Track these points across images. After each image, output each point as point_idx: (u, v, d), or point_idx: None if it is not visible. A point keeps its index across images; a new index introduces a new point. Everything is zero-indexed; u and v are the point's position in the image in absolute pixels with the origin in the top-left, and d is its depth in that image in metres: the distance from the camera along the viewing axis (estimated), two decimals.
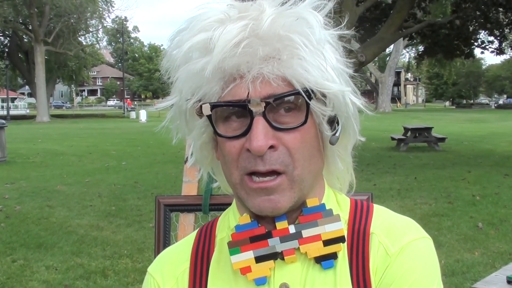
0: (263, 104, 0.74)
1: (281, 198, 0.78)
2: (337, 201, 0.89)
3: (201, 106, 0.77)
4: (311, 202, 0.83)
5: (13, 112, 50.03)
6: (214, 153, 0.88)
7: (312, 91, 0.75)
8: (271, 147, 0.76)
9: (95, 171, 11.68)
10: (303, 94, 0.74)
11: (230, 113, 0.78)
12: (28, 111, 56.08)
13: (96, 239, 6.05)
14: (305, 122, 0.76)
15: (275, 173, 0.77)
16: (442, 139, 15.72)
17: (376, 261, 0.82)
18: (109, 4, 44.90)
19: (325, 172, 0.89)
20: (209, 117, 0.78)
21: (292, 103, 0.76)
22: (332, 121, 0.81)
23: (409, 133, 15.90)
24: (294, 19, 0.76)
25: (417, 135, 15.78)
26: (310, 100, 0.76)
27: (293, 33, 0.74)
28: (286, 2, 0.79)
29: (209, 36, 0.75)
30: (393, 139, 16.63)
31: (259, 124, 0.74)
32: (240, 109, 0.76)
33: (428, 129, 15.85)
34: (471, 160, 12.83)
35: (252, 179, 0.77)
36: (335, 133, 0.81)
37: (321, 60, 0.76)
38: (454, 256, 5.28)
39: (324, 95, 0.77)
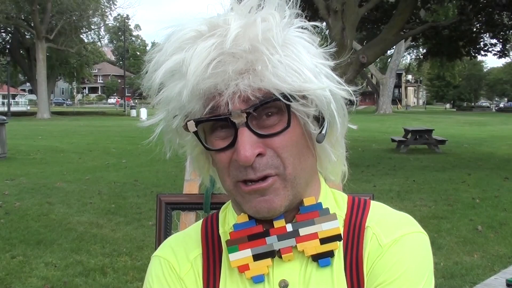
0: (245, 115, 0.75)
1: (276, 197, 0.79)
2: (335, 199, 0.90)
3: (186, 123, 0.79)
4: (308, 201, 0.84)
5: (13, 108, 49.94)
6: (210, 161, 0.89)
7: (291, 95, 0.75)
8: (259, 154, 0.76)
9: (95, 169, 11.67)
10: (282, 99, 0.74)
11: (215, 125, 0.79)
12: (28, 107, 56.05)
13: (96, 237, 6.05)
14: (288, 126, 0.77)
15: (267, 177, 0.78)
16: (442, 142, 15.73)
17: (367, 250, 0.83)
18: (111, 2, 44.98)
19: (319, 167, 0.89)
20: (195, 133, 0.79)
21: (274, 107, 0.76)
22: (319, 118, 0.81)
23: (409, 135, 15.89)
24: (258, 29, 0.75)
25: (417, 137, 15.77)
26: (290, 104, 0.76)
27: (259, 43, 0.74)
28: (253, 8, 0.78)
29: (182, 58, 0.75)
30: (393, 141, 16.61)
31: (244, 136, 0.75)
32: (224, 122, 0.77)
33: (429, 131, 15.86)
34: (471, 163, 12.82)
35: (245, 183, 0.78)
36: (321, 130, 0.81)
37: (294, 63, 0.75)
38: (453, 258, 5.27)
39: (304, 96, 0.77)
